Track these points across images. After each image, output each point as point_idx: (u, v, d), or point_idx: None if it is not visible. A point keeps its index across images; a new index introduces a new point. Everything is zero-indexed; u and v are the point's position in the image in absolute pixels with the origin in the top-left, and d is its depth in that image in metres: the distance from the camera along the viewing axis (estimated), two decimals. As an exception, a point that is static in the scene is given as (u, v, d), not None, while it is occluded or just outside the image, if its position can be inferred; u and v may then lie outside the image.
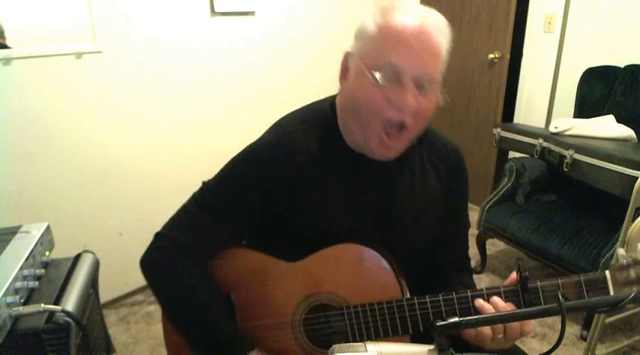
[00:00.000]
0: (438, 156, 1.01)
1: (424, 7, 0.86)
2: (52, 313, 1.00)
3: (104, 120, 2.11)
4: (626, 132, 2.10)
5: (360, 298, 0.89)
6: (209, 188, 0.95)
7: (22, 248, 1.13)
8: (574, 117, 2.42)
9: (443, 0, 3.14)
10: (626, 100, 2.24)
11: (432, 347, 0.62)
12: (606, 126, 2.15)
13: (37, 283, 1.10)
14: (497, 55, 2.91)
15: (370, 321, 0.88)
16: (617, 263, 0.79)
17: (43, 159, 1.97)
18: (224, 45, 2.43)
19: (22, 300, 1.04)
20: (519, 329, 0.80)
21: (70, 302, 1.06)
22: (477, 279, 2.47)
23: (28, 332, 0.97)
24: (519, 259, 0.84)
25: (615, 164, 1.79)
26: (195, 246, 0.92)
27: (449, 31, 0.85)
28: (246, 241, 0.98)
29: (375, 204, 0.96)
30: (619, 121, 2.18)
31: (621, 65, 2.32)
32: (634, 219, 1.49)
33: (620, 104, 2.26)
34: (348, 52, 0.89)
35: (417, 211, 0.98)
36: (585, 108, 2.41)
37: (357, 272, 0.91)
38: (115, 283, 2.22)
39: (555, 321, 2.12)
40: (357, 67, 0.85)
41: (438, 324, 0.61)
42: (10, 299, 0.97)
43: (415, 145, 0.96)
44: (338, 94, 0.96)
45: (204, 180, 0.97)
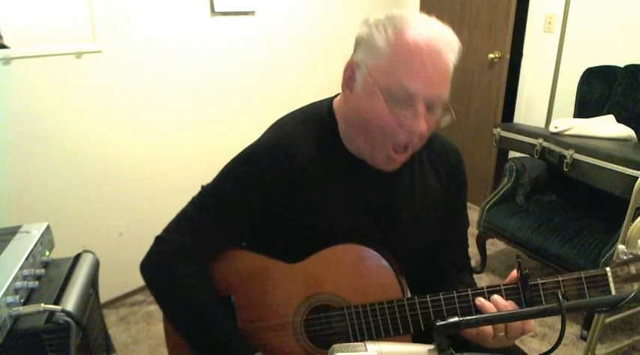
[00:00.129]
0: (437, 157, 1.01)
1: (434, 21, 0.83)
2: (52, 313, 1.00)
3: (104, 120, 2.11)
4: (626, 132, 2.10)
5: (361, 298, 0.89)
6: (208, 191, 0.95)
7: (22, 248, 1.13)
8: (574, 117, 2.42)
9: (443, 0, 3.14)
10: (626, 100, 2.24)
11: (432, 347, 0.62)
12: (606, 126, 2.15)
13: (37, 283, 1.10)
14: (497, 55, 2.91)
15: (371, 321, 0.88)
16: (617, 258, 0.79)
17: (43, 159, 1.97)
18: (224, 45, 2.43)
19: (22, 300, 1.04)
20: (521, 327, 0.80)
21: (70, 302, 1.06)
22: (477, 279, 2.47)
23: (28, 332, 0.97)
24: (519, 257, 0.83)
25: (615, 164, 1.79)
26: (196, 249, 0.92)
27: (458, 45, 0.83)
28: (246, 242, 0.98)
29: (375, 204, 0.96)
30: (619, 121, 2.18)
31: (621, 65, 2.32)
32: (634, 218, 1.49)
33: (620, 104, 2.26)
34: (354, 62, 0.85)
35: (416, 211, 0.98)
36: (585, 108, 2.41)
37: (358, 272, 0.91)
38: (115, 283, 2.22)
39: (555, 321, 2.12)
40: (367, 84, 0.83)
41: (438, 324, 0.61)
42: (10, 299, 0.97)
43: None
44: (337, 98, 0.96)
45: (202, 185, 0.97)
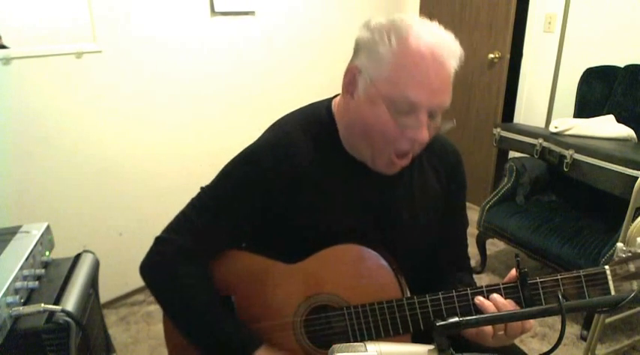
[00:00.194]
0: (437, 157, 1.01)
1: (436, 27, 0.83)
2: (52, 313, 1.00)
3: (104, 120, 2.11)
4: (626, 132, 2.10)
5: (361, 298, 0.89)
6: (207, 191, 0.95)
7: (22, 248, 1.13)
8: (574, 117, 2.42)
9: (443, 0, 3.14)
10: (626, 100, 2.24)
11: (432, 347, 0.62)
12: (606, 126, 2.15)
13: (37, 283, 1.10)
14: (497, 55, 2.91)
15: (371, 321, 0.88)
16: (616, 257, 0.79)
17: (43, 159, 1.97)
18: (224, 45, 2.43)
19: (22, 300, 1.04)
20: (520, 326, 0.81)
21: (70, 302, 1.07)
22: (477, 279, 2.46)
23: (28, 332, 0.97)
24: (517, 255, 0.83)
25: (615, 164, 1.79)
26: (196, 249, 0.92)
27: (460, 52, 0.83)
28: (246, 243, 0.98)
29: (375, 204, 0.96)
30: (619, 121, 2.18)
31: (621, 65, 2.32)
32: (634, 218, 1.49)
33: (620, 104, 2.26)
34: (356, 67, 0.85)
35: (416, 211, 0.98)
36: (585, 108, 2.41)
37: (357, 272, 0.91)
38: (115, 283, 2.22)
39: (555, 321, 2.12)
40: (369, 91, 0.83)
41: (438, 324, 0.61)
42: (10, 299, 0.97)
43: None
44: (336, 99, 0.96)
45: (202, 186, 0.97)
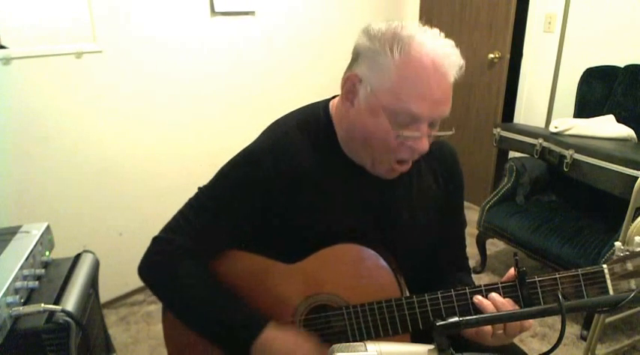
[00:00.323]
0: (434, 158, 1.00)
1: (437, 35, 0.82)
2: (52, 313, 1.00)
3: (104, 120, 2.11)
4: (626, 132, 2.10)
5: (360, 298, 0.89)
6: (205, 192, 0.95)
7: (22, 248, 1.13)
8: (574, 117, 2.42)
9: (443, 0, 3.14)
10: (626, 100, 2.24)
11: (432, 347, 0.62)
12: (606, 126, 2.15)
13: (37, 283, 1.10)
14: (497, 55, 2.91)
15: (370, 321, 0.88)
16: (615, 256, 0.79)
17: (43, 159, 1.97)
18: (224, 45, 2.43)
19: (22, 300, 1.04)
20: (519, 325, 0.81)
21: (70, 302, 1.07)
22: (477, 279, 2.47)
23: (28, 332, 0.97)
24: (516, 254, 0.83)
25: (615, 164, 1.79)
26: (195, 249, 0.92)
27: (461, 62, 0.83)
28: (246, 243, 0.98)
29: (375, 204, 0.96)
30: (619, 121, 2.18)
31: (621, 65, 2.32)
32: (634, 218, 1.49)
33: (620, 104, 2.26)
34: (356, 76, 0.84)
35: (416, 211, 0.98)
36: (585, 108, 2.40)
37: (356, 272, 0.91)
38: (115, 283, 2.22)
39: (555, 321, 2.12)
40: (370, 101, 0.83)
41: (438, 324, 0.61)
42: (10, 299, 0.98)
43: None
44: (335, 100, 0.95)
45: (199, 186, 0.97)
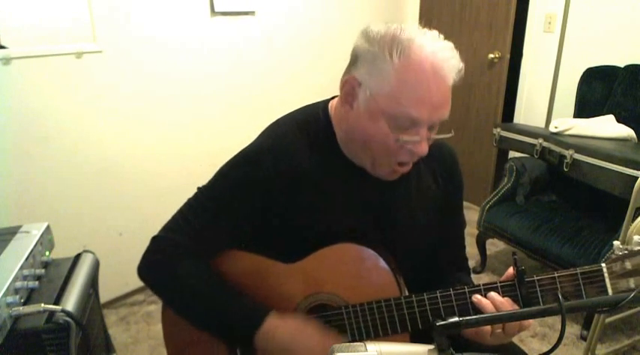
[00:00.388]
0: (433, 158, 1.00)
1: (436, 38, 0.82)
2: (52, 313, 1.00)
3: (104, 120, 2.11)
4: (626, 132, 2.10)
5: (359, 297, 0.89)
6: (205, 192, 0.95)
7: (22, 248, 1.13)
8: (574, 117, 2.42)
9: (443, 0, 3.14)
10: (626, 100, 2.24)
11: (432, 347, 0.61)
12: (606, 126, 2.15)
13: (37, 283, 1.10)
14: (497, 55, 2.91)
15: (369, 320, 0.88)
16: (613, 255, 0.79)
17: (43, 159, 1.97)
18: (224, 45, 2.43)
19: (22, 300, 1.04)
20: (518, 324, 0.81)
21: (70, 302, 1.06)
22: (477, 279, 2.46)
23: (28, 332, 0.97)
24: (515, 253, 0.84)
25: (615, 164, 1.79)
26: (194, 249, 0.92)
27: (460, 65, 0.83)
28: (246, 243, 0.98)
29: (375, 204, 0.96)
30: (619, 121, 2.18)
31: (621, 65, 2.32)
32: (634, 218, 1.49)
33: (620, 104, 2.26)
34: (355, 79, 0.84)
35: (415, 211, 0.98)
36: (585, 108, 2.40)
37: (356, 271, 0.91)
38: (115, 283, 2.22)
39: (555, 321, 2.12)
40: (370, 105, 0.83)
41: (438, 324, 0.61)
42: (10, 299, 0.97)
43: None
44: (334, 101, 0.95)
45: (198, 187, 0.97)
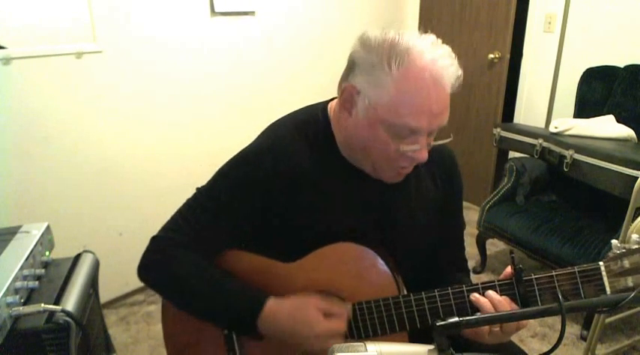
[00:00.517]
0: (433, 160, 1.00)
1: (435, 43, 0.81)
2: (52, 313, 1.00)
3: (104, 120, 2.11)
4: (626, 132, 2.10)
5: (358, 296, 0.89)
6: (204, 193, 0.95)
7: (22, 248, 1.13)
8: (574, 117, 2.42)
9: (443, 0, 3.14)
10: (626, 100, 2.24)
11: (432, 347, 0.62)
12: (606, 126, 2.15)
13: (37, 283, 1.10)
14: (497, 55, 2.91)
15: (368, 319, 0.88)
16: (611, 254, 0.79)
17: (43, 159, 1.97)
18: (224, 45, 2.43)
19: (22, 300, 1.04)
20: (516, 323, 0.81)
21: (70, 302, 1.06)
22: (477, 279, 2.45)
23: (28, 332, 0.97)
24: (512, 252, 0.84)
25: (615, 164, 1.79)
26: (194, 248, 0.92)
27: (459, 73, 0.82)
28: (246, 243, 0.98)
29: (375, 204, 0.96)
30: (619, 121, 2.18)
31: (621, 65, 2.32)
32: (634, 218, 1.49)
33: (620, 104, 2.26)
34: (353, 87, 0.84)
35: (415, 212, 0.98)
36: (585, 108, 2.40)
37: (355, 271, 0.92)
38: (115, 283, 2.22)
39: (555, 321, 2.12)
40: (369, 114, 0.83)
41: (437, 324, 0.61)
42: (10, 299, 0.97)
43: None
44: (333, 103, 0.95)
45: (197, 187, 0.97)
